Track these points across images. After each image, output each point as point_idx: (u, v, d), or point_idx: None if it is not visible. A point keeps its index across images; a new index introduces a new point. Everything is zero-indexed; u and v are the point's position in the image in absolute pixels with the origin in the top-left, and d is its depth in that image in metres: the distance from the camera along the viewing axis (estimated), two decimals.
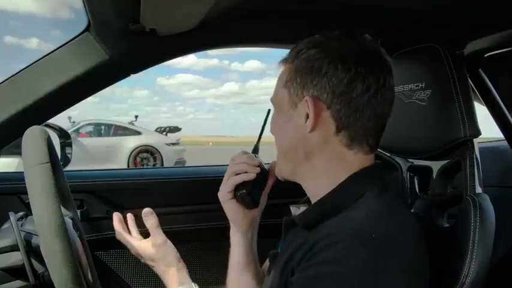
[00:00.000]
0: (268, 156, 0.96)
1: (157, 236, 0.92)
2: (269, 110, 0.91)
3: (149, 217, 0.93)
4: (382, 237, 0.62)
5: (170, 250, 0.92)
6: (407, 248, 0.64)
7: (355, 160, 0.72)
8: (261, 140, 0.93)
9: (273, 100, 0.79)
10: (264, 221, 0.93)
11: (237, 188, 0.85)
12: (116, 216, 0.97)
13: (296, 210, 0.82)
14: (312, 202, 0.76)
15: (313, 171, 0.74)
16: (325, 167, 0.72)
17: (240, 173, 0.85)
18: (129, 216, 1.00)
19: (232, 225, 0.90)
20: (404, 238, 0.65)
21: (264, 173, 0.87)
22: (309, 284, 0.62)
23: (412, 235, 0.66)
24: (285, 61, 0.77)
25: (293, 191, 0.81)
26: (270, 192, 0.90)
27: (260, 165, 0.86)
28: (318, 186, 0.73)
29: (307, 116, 0.70)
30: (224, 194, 0.87)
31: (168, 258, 0.91)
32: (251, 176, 0.84)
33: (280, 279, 0.72)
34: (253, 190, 0.85)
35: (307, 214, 0.75)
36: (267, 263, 0.93)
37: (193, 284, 0.90)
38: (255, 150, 0.91)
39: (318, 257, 0.62)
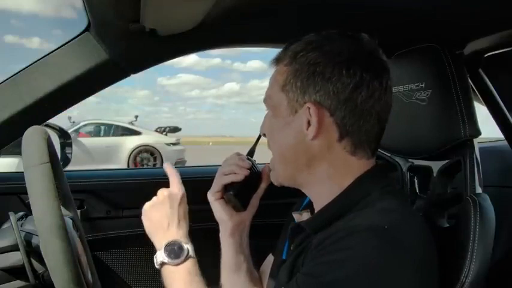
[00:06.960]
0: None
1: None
2: None
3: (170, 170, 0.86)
4: (394, 229, 0.61)
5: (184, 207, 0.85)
6: (417, 242, 0.63)
7: (359, 165, 0.70)
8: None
9: (267, 102, 0.75)
10: (263, 221, 0.92)
11: (226, 188, 0.85)
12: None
13: (299, 217, 0.80)
14: (315, 206, 0.75)
15: (316, 178, 0.71)
16: (328, 173, 0.70)
17: (228, 174, 0.84)
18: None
19: (220, 226, 0.89)
20: (414, 232, 0.64)
21: (255, 176, 0.85)
22: (319, 269, 0.60)
23: (422, 231, 0.65)
24: (279, 61, 0.73)
25: (291, 191, 0.81)
26: (265, 194, 0.88)
27: (251, 168, 0.84)
28: (321, 192, 0.72)
29: (309, 123, 0.68)
30: (212, 193, 0.86)
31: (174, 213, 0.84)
32: (239, 177, 0.83)
33: (290, 279, 0.69)
34: (240, 192, 0.84)
35: (316, 219, 0.72)
36: (267, 262, 0.92)
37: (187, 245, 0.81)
38: (251, 152, 0.89)
39: (330, 248, 0.61)
